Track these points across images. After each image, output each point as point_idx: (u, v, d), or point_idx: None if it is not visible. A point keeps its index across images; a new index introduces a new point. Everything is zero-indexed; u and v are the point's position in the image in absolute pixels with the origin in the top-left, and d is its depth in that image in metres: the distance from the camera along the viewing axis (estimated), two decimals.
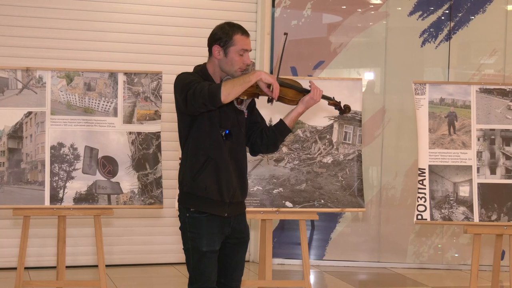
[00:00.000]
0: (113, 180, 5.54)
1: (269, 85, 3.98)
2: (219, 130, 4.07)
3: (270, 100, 4.09)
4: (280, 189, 5.67)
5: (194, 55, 7.45)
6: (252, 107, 4.33)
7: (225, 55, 4.10)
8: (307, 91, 4.24)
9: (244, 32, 4.12)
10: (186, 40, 7.52)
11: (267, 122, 4.50)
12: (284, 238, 7.85)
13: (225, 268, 4.22)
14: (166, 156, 6.20)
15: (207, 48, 7.75)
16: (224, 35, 4.10)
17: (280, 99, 4.15)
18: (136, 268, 7.44)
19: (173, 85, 4.59)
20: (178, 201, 4.22)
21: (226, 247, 4.19)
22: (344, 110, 4.41)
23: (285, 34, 4.21)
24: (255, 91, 4.11)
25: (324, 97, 4.31)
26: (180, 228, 4.21)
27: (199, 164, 4.08)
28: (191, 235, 4.12)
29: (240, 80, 3.92)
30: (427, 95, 5.67)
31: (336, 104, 4.40)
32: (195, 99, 3.92)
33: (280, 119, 4.30)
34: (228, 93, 3.86)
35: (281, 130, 4.28)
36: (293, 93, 4.23)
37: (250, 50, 4.16)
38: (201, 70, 4.19)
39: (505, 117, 5.66)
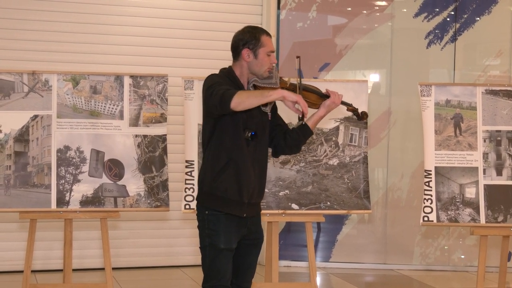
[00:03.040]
0: (120, 183, 5.55)
1: (295, 102, 4.07)
2: (242, 132, 4.16)
3: (301, 119, 4.22)
4: (286, 191, 5.67)
5: (200, 57, 7.49)
6: (275, 110, 4.44)
7: (255, 57, 4.21)
8: (327, 96, 4.39)
9: (268, 34, 4.28)
10: (191, 43, 7.53)
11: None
12: (290, 240, 7.85)
13: (238, 268, 4.29)
14: (172, 158, 6.21)
15: (212, 51, 7.77)
16: (251, 38, 4.22)
17: None
18: (143, 270, 7.45)
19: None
20: (197, 199, 4.29)
21: (241, 248, 4.27)
22: (361, 116, 4.58)
23: (298, 57, 4.40)
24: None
25: (343, 102, 4.47)
26: (198, 227, 4.26)
27: (220, 165, 4.16)
28: (209, 232, 4.19)
29: (258, 93, 4.05)
30: (433, 97, 5.67)
31: (354, 110, 4.57)
32: (211, 101, 4.02)
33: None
34: (240, 101, 3.94)
35: (304, 132, 4.40)
36: (315, 97, 4.38)
37: (274, 51, 4.30)
38: (228, 72, 4.28)
39: (511, 118, 5.65)
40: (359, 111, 4.58)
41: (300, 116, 4.18)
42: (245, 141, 4.17)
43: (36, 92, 5.49)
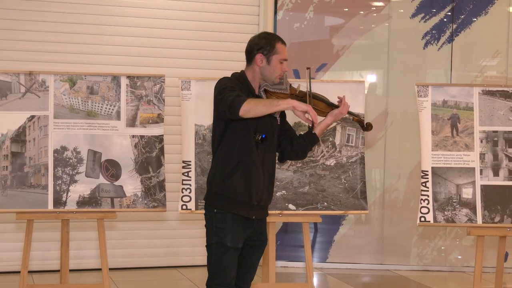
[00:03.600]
0: (116, 183, 5.55)
1: (305, 112, 4.14)
2: (252, 135, 4.21)
3: (310, 128, 4.34)
4: (283, 191, 5.67)
5: (197, 58, 7.48)
6: (283, 115, 4.49)
7: (268, 63, 4.27)
8: (335, 105, 4.45)
9: (283, 42, 4.33)
10: (188, 43, 7.52)
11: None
12: (288, 241, 7.85)
13: (239, 269, 4.33)
14: (169, 159, 6.20)
15: (209, 52, 7.78)
16: (267, 44, 4.27)
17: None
18: (140, 271, 7.44)
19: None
20: (205, 200, 4.34)
21: (244, 248, 4.32)
22: (366, 127, 4.60)
23: (308, 68, 4.44)
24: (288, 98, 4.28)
25: (350, 112, 4.53)
26: (206, 225, 4.31)
27: (230, 166, 4.21)
28: (217, 230, 4.24)
29: (267, 102, 4.08)
30: (430, 97, 5.68)
31: (360, 121, 4.65)
32: (221, 106, 4.08)
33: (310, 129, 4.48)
34: (249, 109, 3.99)
35: (311, 138, 4.47)
36: (323, 105, 4.44)
37: (287, 59, 4.34)
38: (239, 76, 4.32)
39: (508, 119, 5.66)
40: (365, 122, 4.61)
41: (310, 125, 4.27)
42: (254, 143, 4.22)
43: (33, 93, 5.48)
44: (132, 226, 7.47)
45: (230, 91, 4.08)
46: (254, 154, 4.22)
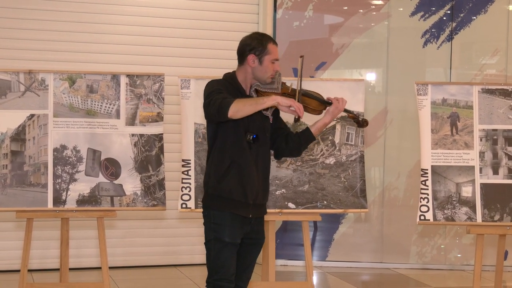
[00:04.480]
0: (116, 182, 5.54)
1: (289, 106, 4.15)
2: (243, 135, 4.24)
3: (296, 120, 4.26)
4: (283, 190, 5.67)
5: (196, 56, 7.48)
6: (277, 113, 4.50)
7: (260, 63, 4.30)
8: (328, 103, 4.43)
9: (275, 42, 4.36)
10: (188, 42, 7.52)
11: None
12: (287, 239, 7.86)
13: (236, 267, 4.33)
14: (169, 157, 6.20)
15: (209, 50, 7.78)
16: (258, 45, 4.31)
17: (304, 108, 4.32)
18: (139, 269, 7.44)
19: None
20: (202, 202, 4.38)
21: (241, 246, 4.34)
22: (362, 124, 4.59)
23: (301, 56, 4.45)
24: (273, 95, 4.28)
25: (345, 110, 4.49)
26: (204, 223, 4.34)
27: (224, 167, 4.25)
28: (214, 226, 4.27)
29: (253, 101, 4.11)
30: (429, 96, 5.68)
31: (355, 117, 4.58)
32: (209, 109, 4.12)
33: (307, 127, 4.49)
34: (237, 110, 4.03)
35: (306, 137, 4.47)
36: (316, 103, 4.42)
37: (279, 59, 4.36)
38: (230, 77, 4.36)
39: (508, 117, 5.66)
40: (360, 118, 4.59)
41: (296, 117, 4.23)
42: (247, 143, 4.25)
43: (32, 91, 5.48)
44: (132, 224, 7.47)
45: (217, 94, 4.12)
46: (247, 154, 4.25)
